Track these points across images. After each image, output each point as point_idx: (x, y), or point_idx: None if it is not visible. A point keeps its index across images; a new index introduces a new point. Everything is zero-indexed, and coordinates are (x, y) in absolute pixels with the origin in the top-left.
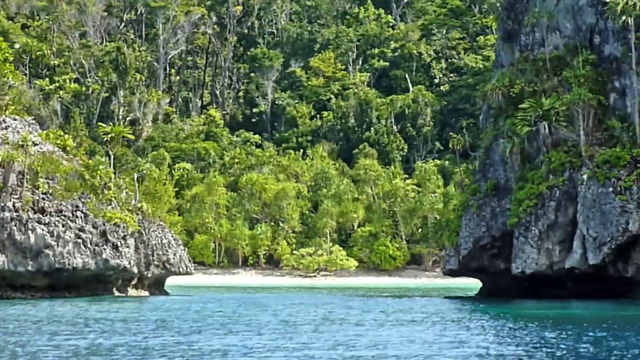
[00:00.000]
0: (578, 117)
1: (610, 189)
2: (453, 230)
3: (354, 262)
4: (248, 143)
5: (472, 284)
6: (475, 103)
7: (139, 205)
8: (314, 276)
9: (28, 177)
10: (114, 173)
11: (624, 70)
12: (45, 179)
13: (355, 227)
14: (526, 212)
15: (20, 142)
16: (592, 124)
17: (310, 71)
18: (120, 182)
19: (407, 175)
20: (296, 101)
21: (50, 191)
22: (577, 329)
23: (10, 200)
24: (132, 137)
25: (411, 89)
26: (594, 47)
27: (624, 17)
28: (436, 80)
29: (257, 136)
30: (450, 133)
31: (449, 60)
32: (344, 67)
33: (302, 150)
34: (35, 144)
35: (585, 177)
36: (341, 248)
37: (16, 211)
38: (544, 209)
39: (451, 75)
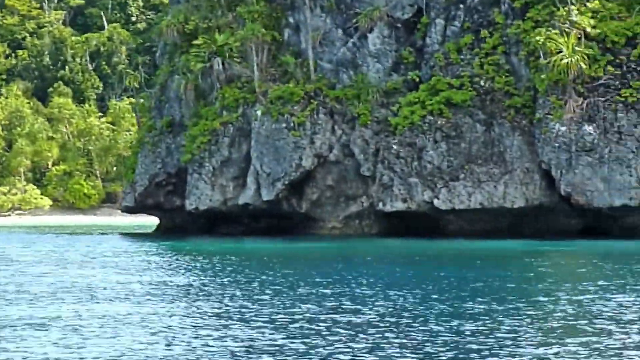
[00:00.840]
0: (252, 53)
1: (284, 125)
2: (129, 167)
3: (49, 201)
4: None
5: None
6: None
7: None
8: (9, 215)
9: None
10: None
11: (298, 5)
12: None
13: (50, 166)
14: (200, 148)
15: None
16: (266, 59)
17: (5, 10)
18: None
19: (102, 114)
20: None
21: None
22: (242, 262)
23: None
24: None
25: (106, 27)
26: None
27: None
28: (133, 18)
29: None
30: (127, 70)
31: None
32: (39, 5)
33: None
34: None
35: (259, 113)
36: (35, 187)
37: None
38: (218, 145)
39: (149, 13)
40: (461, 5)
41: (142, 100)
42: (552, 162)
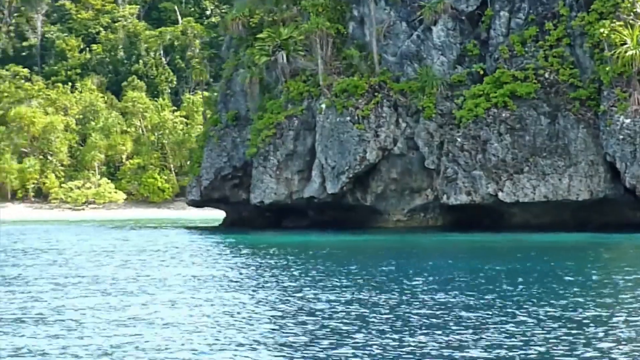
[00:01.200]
0: (316, 46)
1: (348, 118)
2: (195, 161)
3: (123, 194)
4: (17, 77)
5: None
6: None
7: None
8: (83, 209)
9: None
10: None
11: None
12: None
13: (124, 160)
14: (265, 142)
15: None
16: (330, 53)
17: (79, 4)
18: None
19: (175, 108)
20: (66, 34)
21: None
22: (305, 254)
23: None
24: None
25: (180, 21)
26: None
27: None
28: (207, 12)
29: (25, 70)
30: (193, 64)
31: None
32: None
33: (71, 84)
34: None
35: (323, 106)
36: (109, 181)
37: None
38: (283, 138)
39: (223, 6)
40: None
41: (207, 94)
42: (617, 155)
